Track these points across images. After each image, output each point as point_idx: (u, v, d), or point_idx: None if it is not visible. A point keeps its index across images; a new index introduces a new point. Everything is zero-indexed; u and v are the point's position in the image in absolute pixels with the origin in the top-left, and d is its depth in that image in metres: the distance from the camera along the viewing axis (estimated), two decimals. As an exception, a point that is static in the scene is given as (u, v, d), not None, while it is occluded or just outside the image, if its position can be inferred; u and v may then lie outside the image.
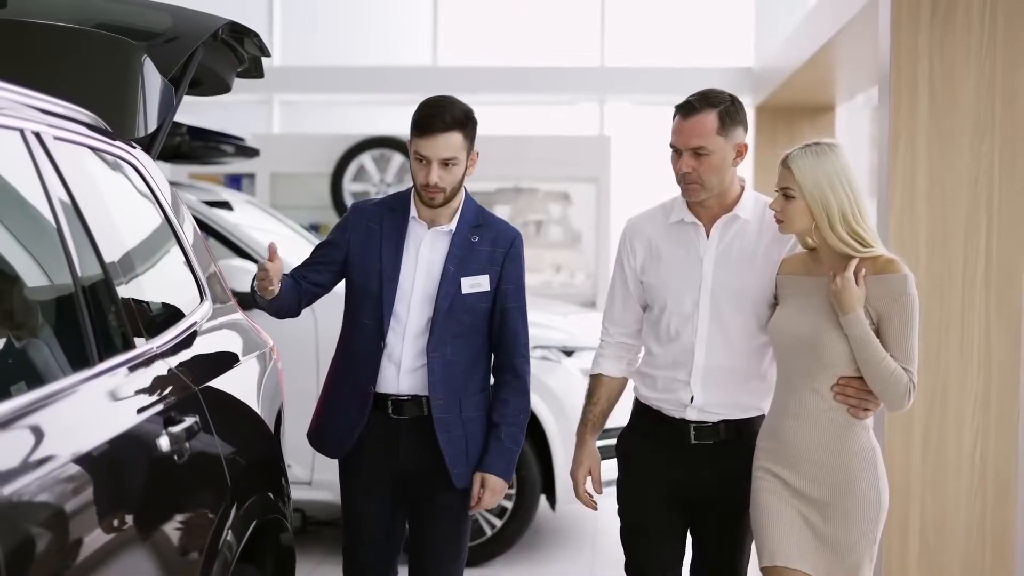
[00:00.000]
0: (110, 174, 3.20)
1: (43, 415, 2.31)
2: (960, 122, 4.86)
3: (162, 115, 3.77)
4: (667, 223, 3.72)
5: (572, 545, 6.96)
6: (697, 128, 3.54)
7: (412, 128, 3.72)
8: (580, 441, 3.83)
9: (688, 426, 3.64)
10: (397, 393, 3.76)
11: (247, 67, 4.52)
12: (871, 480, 3.44)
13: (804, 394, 3.46)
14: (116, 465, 2.53)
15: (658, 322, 3.70)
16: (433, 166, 3.64)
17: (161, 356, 3.01)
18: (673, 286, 3.65)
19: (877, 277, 3.41)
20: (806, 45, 7.87)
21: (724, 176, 3.59)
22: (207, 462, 3.02)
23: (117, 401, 2.67)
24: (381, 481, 3.81)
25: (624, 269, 3.77)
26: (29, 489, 2.13)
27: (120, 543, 2.46)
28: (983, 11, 4.81)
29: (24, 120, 2.71)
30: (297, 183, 11.12)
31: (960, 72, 4.84)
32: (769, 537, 3.48)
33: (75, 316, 2.65)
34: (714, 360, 3.62)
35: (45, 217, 2.66)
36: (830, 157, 3.43)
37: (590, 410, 3.83)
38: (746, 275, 3.61)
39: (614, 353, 3.83)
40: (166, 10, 4.14)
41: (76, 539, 2.26)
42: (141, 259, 3.21)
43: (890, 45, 4.89)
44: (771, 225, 3.61)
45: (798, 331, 3.47)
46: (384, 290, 3.73)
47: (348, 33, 12.23)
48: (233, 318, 3.81)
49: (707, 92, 3.62)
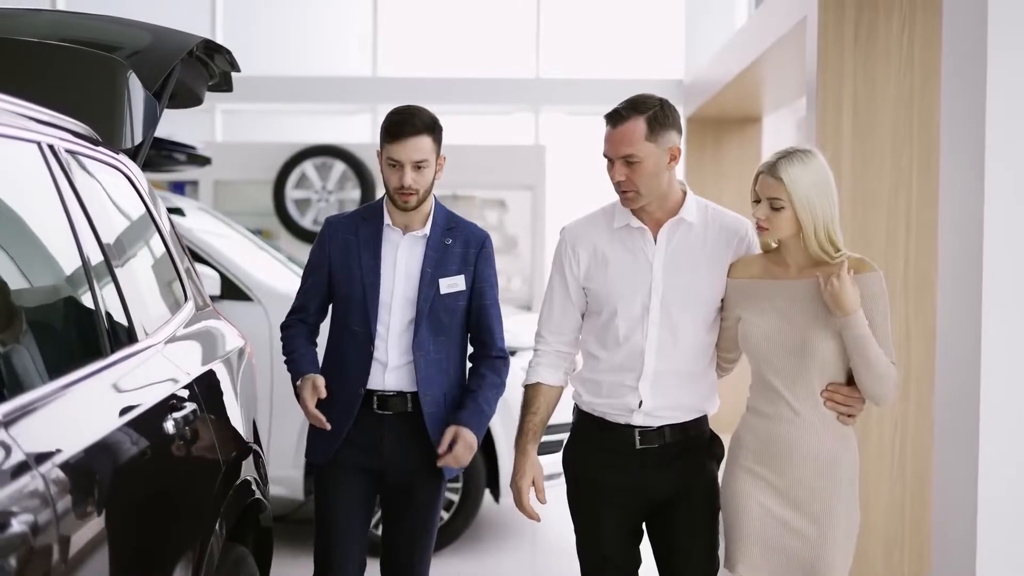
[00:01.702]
0: (110, 182, 3.44)
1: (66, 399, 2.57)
2: (881, 137, 5.14)
3: (147, 127, 3.97)
4: (611, 228, 3.65)
5: (514, 536, 7.16)
6: (626, 136, 3.49)
7: (384, 135, 3.84)
8: (521, 451, 3.73)
9: (633, 431, 3.60)
10: (383, 389, 3.87)
11: (217, 81, 4.76)
12: (854, 482, 3.47)
13: (796, 398, 3.43)
14: (132, 442, 2.79)
15: (606, 327, 3.63)
16: (406, 169, 3.78)
17: (159, 349, 3.27)
18: (622, 291, 3.59)
19: (855, 277, 3.39)
20: (736, 61, 8.06)
21: (660, 181, 3.54)
22: (203, 446, 3.29)
23: (127, 389, 2.92)
24: (360, 475, 3.90)
25: (565, 276, 3.70)
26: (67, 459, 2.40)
27: (139, 510, 2.73)
28: (901, 35, 5.11)
29: (39, 133, 2.95)
30: (240, 190, 11.17)
31: (881, 90, 5.14)
32: (740, 541, 3.47)
33: (90, 311, 2.90)
34: (664, 363, 3.57)
35: (62, 222, 2.91)
36: (814, 165, 3.40)
37: (529, 419, 3.73)
38: (695, 277, 3.58)
39: (551, 362, 3.74)
40: (144, 28, 4.33)
41: (106, 503, 2.52)
42: (139, 260, 3.46)
43: (816, 65, 5.18)
44: (715, 227, 3.61)
45: (784, 336, 3.43)
46: (367, 296, 3.84)
47: (290, 44, 12.24)
48: (211, 316, 4.04)
49: (635, 99, 3.56)
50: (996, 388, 3.92)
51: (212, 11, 11.98)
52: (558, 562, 6.81)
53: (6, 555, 2.02)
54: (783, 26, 6.32)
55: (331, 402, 3.86)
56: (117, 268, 3.13)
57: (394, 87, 11.55)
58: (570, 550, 6.97)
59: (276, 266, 7.31)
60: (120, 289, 3.10)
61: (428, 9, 12.49)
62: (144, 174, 3.89)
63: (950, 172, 4.14)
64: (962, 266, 4.00)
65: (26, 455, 2.21)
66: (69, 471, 2.36)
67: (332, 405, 3.86)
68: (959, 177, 4.04)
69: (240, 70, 4.71)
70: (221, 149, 11.01)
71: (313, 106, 12.29)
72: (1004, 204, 3.84)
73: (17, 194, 2.80)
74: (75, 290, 2.89)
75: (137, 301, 3.25)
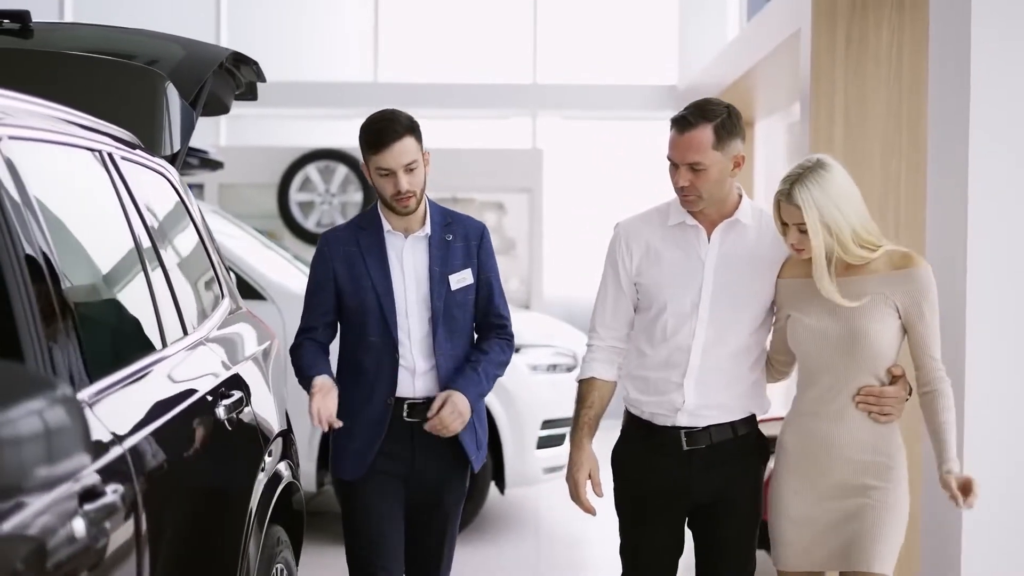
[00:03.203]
0: (156, 186, 3.68)
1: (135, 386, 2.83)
2: (871, 143, 5.37)
3: (184, 134, 4.19)
4: (665, 226, 3.65)
5: (517, 527, 7.38)
6: (692, 143, 3.47)
7: (367, 147, 3.79)
8: (576, 445, 3.71)
9: (679, 432, 3.59)
10: (413, 396, 3.83)
11: (243, 91, 5.00)
12: (903, 477, 3.47)
13: (843, 394, 3.43)
14: (193, 425, 3.06)
15: (654, 323, 3.63)
16: (399, 175, 3.73)
17: (204, 343, 3.53)
18: (673, 287, 3.59)
19: (900, 272, 3.40)
20: (731, 68, 8.29)
21: (722, 187, 3.54)
22: (249, 430, 3.55)
23: (183, 378, 3.18)
24: (391, 483, 3.85)
25: (618, 271, 3.70)
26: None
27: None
28: (890, 46, 5.36)
29: (98, 142, 3.20)
30: (245, 193, 11.30)
31: (871, 99, 5.38)
32: (788, 545, 3.50)
33: (149, 306, 3.16)
34: (709, 361, 3.57)
35: (123, 224, 3.16)
36: (829, 179, 3.38)
37: (584, 413, 3.72)
38: (747, 278, 3.57)
39: (605, 357, 3.74)
40: (175, 41, 4.55)
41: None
42: (185, 260, 3.72)
43: (810, 75, 5.42)
44: (769, 231, 3.58)
45: (832, 331, 3.42)
46: (384, 305, 3.80)
47: (293, 51, 12.36)
48: (245, 312, 4.29)
49: (703, 105, 3.53)
50: (980, 389, 4.06)
51: (217, 18, 12.12)
52: (560, 552, 7.06)
53: (100, 521, 2.28)
54: (777, 37, 6.55)
55: (355, 418, 3.80)
56: (168, 267, 3.39)
57: (395, 92, 11.66)
58: (571, 540, 7.23)
59: (286, 266, 7.56)
60: (171, 285, 3.35)
61: (428, 17, 12.63)
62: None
63: (936, 177, 4.32)
64: (947, 266, 4.17)
65: (111, 433, 2.48)
66: (146, 447, 2.63)
67: (357, 421, 3.81)
68: (944, 181, 4.25)
69: (265, 80, 4.92)
70: (226, 153, 11.13)
71: (316, 111, 12.42)
72: (986, 207, 4.05)
73: (86, 199, 3.07)
74: (136, 286, 3.14)
75: (185, 297, 3.51)
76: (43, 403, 1.76)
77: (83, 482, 2.24)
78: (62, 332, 2.45)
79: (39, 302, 2.38)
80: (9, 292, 2.32)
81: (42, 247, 2.48)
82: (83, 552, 2.20)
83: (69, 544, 2.15)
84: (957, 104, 4.13)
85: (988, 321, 4.08)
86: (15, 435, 1.70)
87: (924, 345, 3.44)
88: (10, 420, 1.70)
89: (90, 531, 2.22)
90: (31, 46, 4.18)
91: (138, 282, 3.14)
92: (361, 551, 3.88)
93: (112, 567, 2.35)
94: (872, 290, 3.42)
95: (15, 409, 1.71)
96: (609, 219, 4.00)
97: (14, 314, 2.32)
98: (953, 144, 4.15)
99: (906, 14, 5.37)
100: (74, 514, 2.18)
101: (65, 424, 1.78)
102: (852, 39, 5.37)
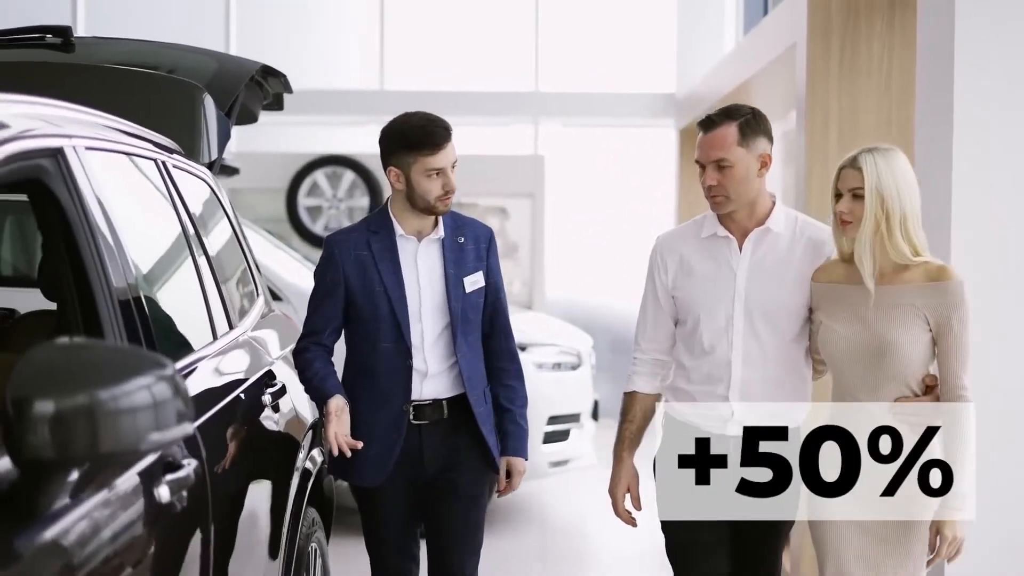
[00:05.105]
0: (200, 192, 3.95)
1: (198, 372, 3.12)
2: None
3: (221, 143, 4.40)
4: (699, 238, 3.65)
5: (524, 520, 7.59)
6: (717, 141, 3.51)
7: (415, 149, 3.72)
8: (618, 459, 3.73)
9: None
10: (419, 399, 3.81)
11: (270, 101, 5.27)
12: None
13: (874, 402, 3.38)
14: (248, 408, 3.35)
15: (692, 336, 3.62)
16: (448, 173, 3.73)
17: (248, 336, 3.81)
18: (706, 300, 3.58)
19: (934, 285, 3.34)
20: (728, 79, 8.50)
21: (750, 187, 3.54)
22: (290, 416, 3.83)
23: (234, 368, 3.46)
24: (404, 487, 3.85)
25: (656, 285, 3.70)
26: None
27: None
28: (881, 59, 5.62)
29: (154, 152, 3.48)
30: (254, 198, 11.50)
31: (863, 108, 5.63)
32: (829, 556, 3.43)
33: (203, 301, 3.44)
34: (751, 372, 3.54)
35: (177, 227, 3.44)
36: (897, 160, 3.37)
37: (626, 427, 3.73)
38: (780, 288, 3.56)
39: (648, 370, 3.75)
40: (208, 54, 4.78)
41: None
42: (228, 259, 4.00)
43: (805, 86, 5.68)
44: (803, 238, 3.59)
45: (862, 340, 3.38)
46: (396, 309, 3.77)
47: (301, 60, 12.45)
48: (275, 310, 4.57)
49: (728, 107, 3.58)
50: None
51: (226, 27, 12.28)
52: (566, 544, 7.31)
53: (179, 490, 2.57)
54: (773, 50, 6.77)
55: (368, 424, 3.80)
56: (216, 265, 3.67)
57: (400, 100, 11.74)
58: (576, 532, 7.46)
59: (298, 267, 7.83)
60: (218, 284, 3.63)
61: (433, 26, 12.79)
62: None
63: (922, 179, 4.57)
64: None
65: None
66: (210, 428, 2.92)
67: (370, 427, 3.80)
68: (930, 191, 4.50)
69: (292, 91, 5.17)
70: (236, 159, 11.34)
71: (323, 118, 12.58)
72: (968, 213, 4.29)
73: (150, 203, 3.35)
74: (191, 284, 3.42)
75: (230, 293, 3.79)
76: (151, 379, 2.03)
77: (166, 455, 2.53)
78: (136, 321, 2.72)
79: (116, 295, 2.64)
80: (92, 285, 2.58)
81: (114, 245, 2.72)
82: (165, 514, 2.49)
83: (155, 507, 2.44)
84: (942, 116, 4.35)
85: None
86: (131, 406, 1.97)
87: (947, 361, 3.37)
88: (126, 393, 1.97)
89: (171, 498, 2.51)
90: (72, 59, 4.37)
91: (192, 280, 3.42)
92: (375, 557, 3.96)
93: (187, 532, 2.65)
94: (905, 301, 3.37)
95: (130, 383, 1.99)
96: (609, 223, 4.13)
97: (96, 305, 2.59)
98: (938, 153, 4.38)
99: (896, 29, 5.60)
100: (160, 482, 2.48)
101: (168, 397, 2.05)
102: (845, 52, 5.60)
